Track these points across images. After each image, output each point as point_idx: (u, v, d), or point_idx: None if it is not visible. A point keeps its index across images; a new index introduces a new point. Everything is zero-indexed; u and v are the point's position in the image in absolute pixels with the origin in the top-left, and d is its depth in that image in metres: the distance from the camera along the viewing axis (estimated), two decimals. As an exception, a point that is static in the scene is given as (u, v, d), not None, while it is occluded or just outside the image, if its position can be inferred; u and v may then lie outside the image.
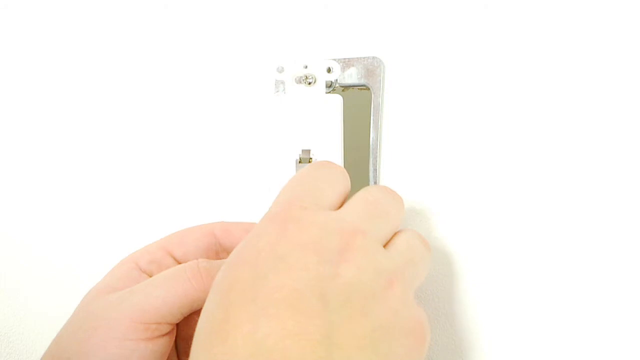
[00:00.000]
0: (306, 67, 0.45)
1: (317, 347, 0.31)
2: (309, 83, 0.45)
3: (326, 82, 0.46)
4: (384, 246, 0.36)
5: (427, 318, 0.36)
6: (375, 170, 0.45)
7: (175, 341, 0.41)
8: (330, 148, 0.44)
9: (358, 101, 0.46)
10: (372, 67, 0.45)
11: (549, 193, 0.41)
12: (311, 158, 0.45)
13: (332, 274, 0.33)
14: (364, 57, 0.46)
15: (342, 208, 0.37)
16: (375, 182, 0.45)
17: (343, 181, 0.38)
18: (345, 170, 0.39)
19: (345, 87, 0.46)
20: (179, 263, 0.41)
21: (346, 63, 0.46)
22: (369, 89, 0.46)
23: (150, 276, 0.40)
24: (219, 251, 0.43)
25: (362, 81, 0.46)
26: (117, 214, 0.54)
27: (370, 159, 0.45)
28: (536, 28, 0.42)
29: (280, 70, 0.45)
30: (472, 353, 0.43)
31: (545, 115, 0.42)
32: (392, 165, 0.45)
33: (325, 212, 0.36)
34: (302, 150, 0.45)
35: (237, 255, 0.35)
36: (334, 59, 0.46)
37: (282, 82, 0.48)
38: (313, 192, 0.37)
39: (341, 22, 0.47)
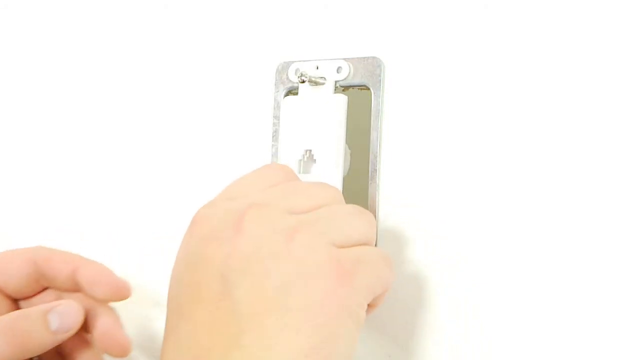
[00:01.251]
0: (317, 67, 0.46)
1: (227, 327, 0.32)
2: (319, 83, 0.45)
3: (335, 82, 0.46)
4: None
5: (353, 255, 0.35)
6: (375, 170, 0.45)
7: None
8: (332, 147, 0.44)
9: (358, 101, 0.46)
10: (372, 67, 0.45)
11: (551, 193, 0.41)
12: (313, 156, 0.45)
13: (230, 251, 0.34)
14: (364, 57, 0.46)
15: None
16: (375, 183, 0.45)
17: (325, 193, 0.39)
18: (336, 189, 0.40)
19: (345, 87, 0.46)
20: None
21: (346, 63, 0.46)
22: (369, 89, 0.46)
23: None
24: (40, 278, 0.43)
25: (362, 81, 0.46)
26: (118, 215, 0.54)
27: (370, 159, 0.45)
28: (537, 28, 0.42)
29: (299, 74, 0.45)
30: (474, 354, 0.43)
31: (547, 112, 0.42)
32: (392, 165, 0.45)
33: (236, 200, 0.37)
34: (305, 151, 0.45)
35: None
36: (333, 59, 0.46)
37: (284, 81, 0.48)
38: (250, 185, 0.38)
39: (341, 22, 0.47)
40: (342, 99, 0.45)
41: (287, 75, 0.48)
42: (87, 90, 0.56)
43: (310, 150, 0.45)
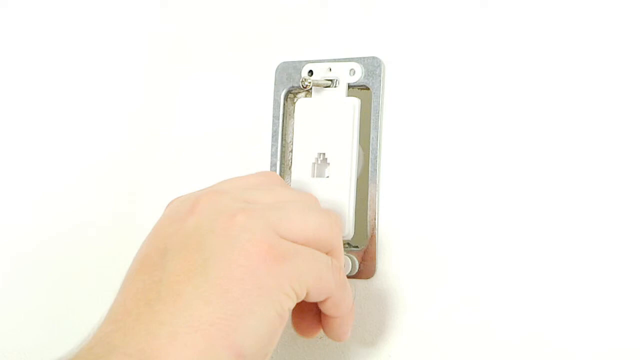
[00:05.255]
0: (330, 69, 0.46)
1: (149, 293, 0.34)
2: (330, 86, 0.45)
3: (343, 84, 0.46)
4: None
5: (292, 246, 0.36)
6: (375, 170, 0.45)
7: None
8: (346, 150, 0.44)
9: (358, 101, 0.46)
10: (372, 67, 0.45)
11: (550, 194, 0.41)
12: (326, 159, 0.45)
13: (177, 228, 0.36)
14: (364, 57, 0.46)
15: None
16: (375, 183, 0.45)
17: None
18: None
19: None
20: None
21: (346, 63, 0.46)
22: (369, 89, 0.46)
23: None
24: None
25: (362, 81, 0.46)
26: (117, 215, 0.54)
27: (370, 159, 0.45)
28: (536, 27, 0.42)
29: (302, 79, 0.45)
30: (474, 354, 0.43)
31: (546, 113, 0.42)
32: (392, 165, 0.45)
33: (210, 189, 0.39)
34: (319, 154, 0.45)
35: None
36: (332, 59, 0.46)
37: (284, 81, 0.48)
38: (231, 182, 0.40)
39: (341, 22, 0.47)
40: (356, 102, 0.45)
41: (290, 75, 0.48)
42: (86, 90, 0.56)
43: (324, 154, 0.45)
